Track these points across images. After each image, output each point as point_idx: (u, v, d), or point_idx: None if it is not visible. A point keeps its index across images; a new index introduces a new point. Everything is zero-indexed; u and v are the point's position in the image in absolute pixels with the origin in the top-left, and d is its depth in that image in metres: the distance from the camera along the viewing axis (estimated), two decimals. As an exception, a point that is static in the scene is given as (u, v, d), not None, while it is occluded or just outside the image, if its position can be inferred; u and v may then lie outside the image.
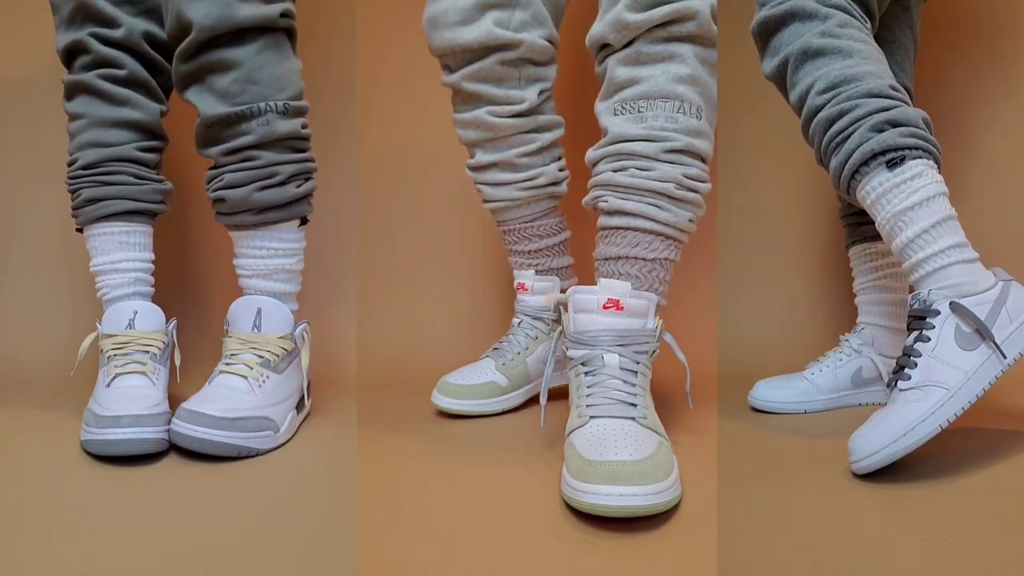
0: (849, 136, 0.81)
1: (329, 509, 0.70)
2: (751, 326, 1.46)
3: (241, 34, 0.90)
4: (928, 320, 0.79)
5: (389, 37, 1.48)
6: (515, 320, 1.12)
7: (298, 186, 0.96)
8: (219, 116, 0.91)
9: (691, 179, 0.85)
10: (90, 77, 0.98)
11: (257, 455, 0.87)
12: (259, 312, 0.96)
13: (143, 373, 0.94)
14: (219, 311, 1.41)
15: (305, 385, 1.02)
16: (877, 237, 1.14)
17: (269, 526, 0.66)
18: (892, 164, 0.78)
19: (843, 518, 0.68)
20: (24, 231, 1.43)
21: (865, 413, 1.09)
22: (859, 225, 1.16)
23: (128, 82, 1.00)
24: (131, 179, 1.01)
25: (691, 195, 0.85)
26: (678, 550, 0.61)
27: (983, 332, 0.77)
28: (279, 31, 0.93)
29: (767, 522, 0.67)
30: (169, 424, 0.87)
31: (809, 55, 0.84)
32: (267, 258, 0.98)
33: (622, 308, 0.79)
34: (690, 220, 0.87)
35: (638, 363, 0.79)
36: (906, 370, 0.78)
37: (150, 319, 0.98)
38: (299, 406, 1.00)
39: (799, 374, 1.12)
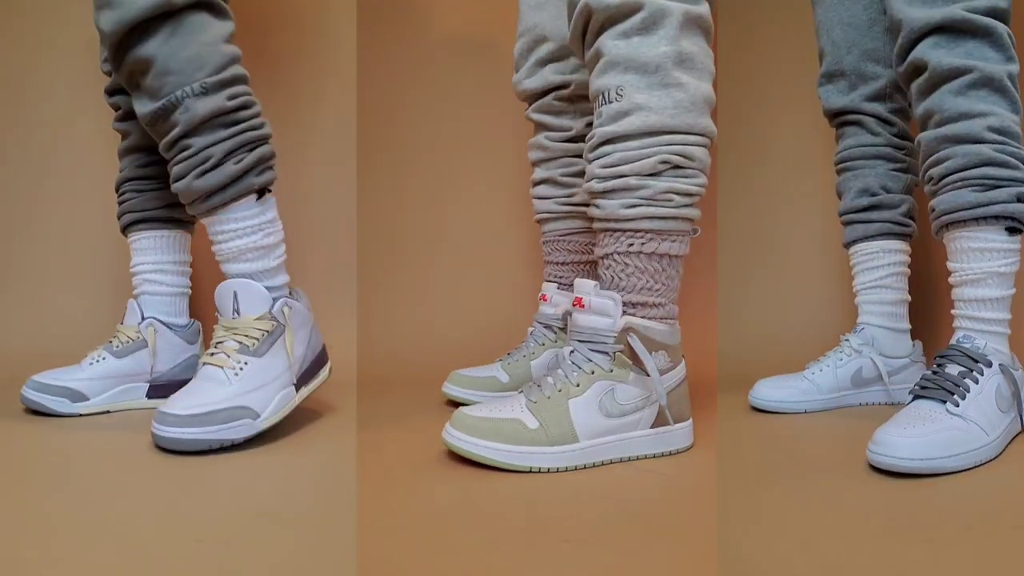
0: (997, 187, 0.88)
1: (329, 509, 0.70)
2: (751, 326, 1.46)
3: (146, 28, 0.89)
4: (980, 364, 0.87)
5: (389, 36, 1.48)
6: (530, 329, 1.18)
7: (237, 162, 0.92)
8: (148, 116, 0.92)
9: (609, 167, 0.83)
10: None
11: (233, 445, 0.88)
12: (235, 296, 0.95)
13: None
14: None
15: (313, 353, 1.00)
16: (878, 236, 1.15)
17: (269, 526, 0.66)
18: (1012, 231, 0.90)
19: (843, 518, 0.68)
20: (25, 231, 1.43)
21: (865, 413, 1.09)
22: (860, 223, 1.16)
23: (126, 115, 1.10)
24: (134, 195, 1.12)
25: (611, 183, 0.83)
26: (678, 550, 0.61)
27: (1017, 401, 0.89)
28: (183, 10, 0.89)
29: (767, 522, 0.67)
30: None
31: (992, 86, 0.89)
32: (229, 241, 0.95)
33: (583, 306, 0.85)
34: (626, 207, 0.83)
35: (590, 360, 0.83)
36: (955, 396, 0.84)
37: (128, 315, 1.10)
38: (305, 379, 0.98)
39: (799, 374, 1.13)
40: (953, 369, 0.87)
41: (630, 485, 0.78)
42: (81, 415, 1.03)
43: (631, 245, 0.84)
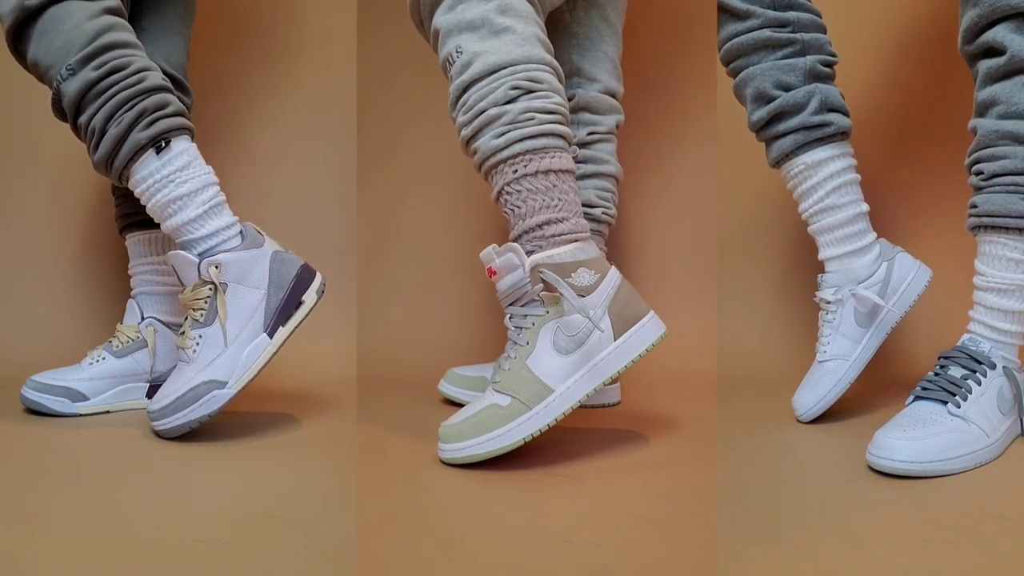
0: None
1: (329, 509, 0.70)
2: (751, 326, 1.46)
3: (20, 37, 0.91)
4: (983, 366, 0.86)
5: (389, 35, 1.48)
6: None
7: (117, 125, 0.90)
8: (55, 111, 0.93)
9: (469, 110, 0.86)
10: None
11: (211, 417, 0.90)
12: (175, 270, 0.94)
13: None
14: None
15: (281, 288, 0.95)
16: (796, 151, 0.98)
17: (269, 526, 0.66)
18: None
19: (843, 518, 0.68)
20: (22, 230, 1.43)
21: (867, 413, 1.08)
22: (772, 140, 1.00)
23: None
24: (124, 198, 1.13)
25: (475, 122, 0.86)
26: (679, 549, 0.61)
27: (1019, 404, 0.87)
28: (44, 8, 0.90)
29: (767, 522, 0.67)
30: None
31: None
32: (147, 202, 0.93)
33: (496, 273, 0.86)
34: (496, 136, 0.85)
35: (526, 315, 0.85)
36: (957, 398, 0.83)
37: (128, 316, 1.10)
38: (282, 318, 0.95)
39: (816, 364, 1.03)
40: (956, 371, 0.86)
41: (630, 485, 0.78)
42: (81, 415, 1.03)
43: (515, 171, 0.85)
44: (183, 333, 0.93)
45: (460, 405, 1.12)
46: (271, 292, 0.95)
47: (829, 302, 1.01)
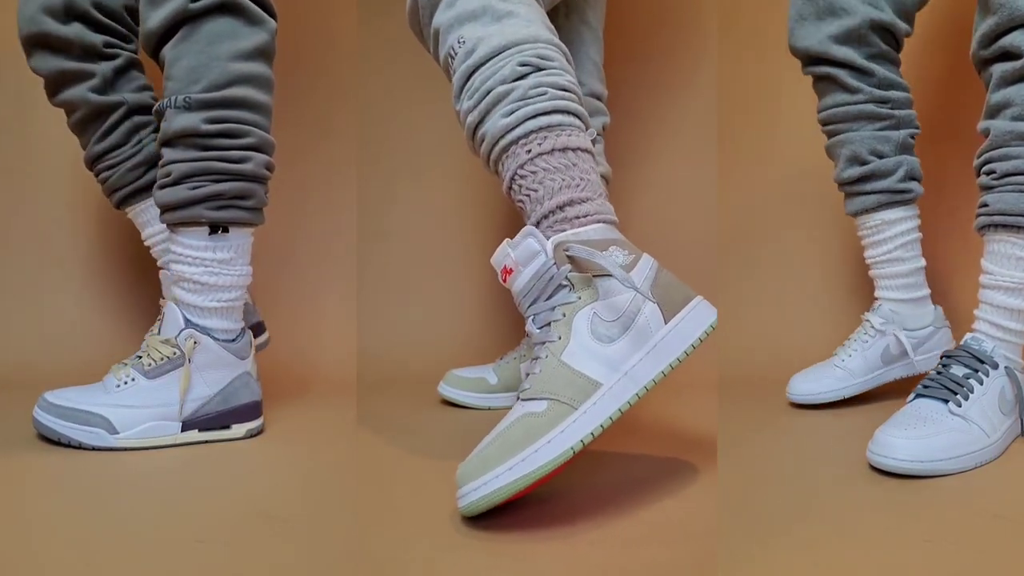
0: None
1: (329, 509, 0.70)
2: (752, 326, 1.46)
3: (171, 32, 0.87)
4: (986, 365, 0.86)
5: (389, 35, 1.48)
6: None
7: (193, 188, 0.87)
8: (155, 115, 0.91)
9: (475, 92, 0.78)
10: None
11: (81, 447, 0.87)
12: (163, 315, 0.92)
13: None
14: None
15: (227, 404, 0.93)
16: (878, 208, 1.08)
17: (269, 526, 0.66)
18: None
19: (843, 518, 0.68)
20: (30, 230, 1.43)
21: (867, 411, 1.08)
22: (856, 196, 1.10)
23: None
24: (110, 171, 1.04)
25: (483, 103, 0.77)
26: (679, 549, 0.61)
27: (1020, 404, 0.87)
28: (203, 15, 0.86)
29: (767, 521, 0.67)
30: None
31: None
32: (174, 263, 0.91)
33: (511, 270, 0.73)
34: (506, 115, 0.76)
35: (553, 308, 0.71)
36: (958, 396, 0.84)
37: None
38: (205, 425, 0.92)
39: (829, 362, 1.11)
40: (959, 370, 0.86)
41: (630, 485, 0.78)
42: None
43: (529, 152, 0.75)
44: (125, 362, 0.92)
45: (459, 407, 1.12)
46: (216, 399, 0.93)
47: (874, 327, 1.11)
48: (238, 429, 0.94)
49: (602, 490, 0.76)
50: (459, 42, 0.80)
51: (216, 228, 0.90)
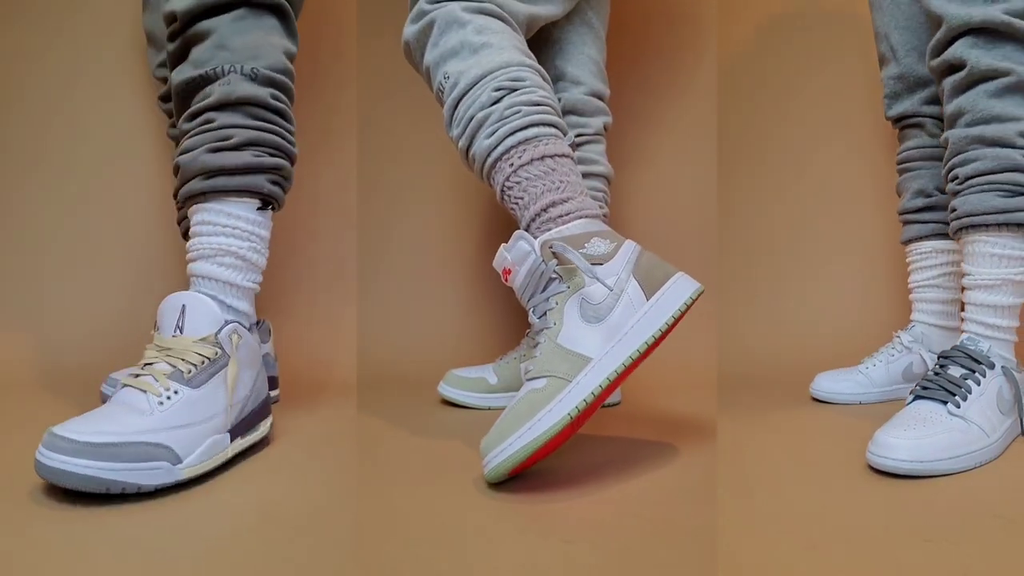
0: (1023, 194, 0.89)
1: (329, 509, 0.70)
2: (751, 326, 1.46)
3: (221, 7, 0.86)
4: (983, 366, 0.87)
5: (389, 34, 1.48)
6: (527, 331, 1.18)
7: (256, 155, 0.84)
8: (184, 82, 0.86)
9: (460, 122, 0.89)
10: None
11: (139, 492, 0.70)
12: (183, 310, 0.79)
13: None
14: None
15: (255, 402, 0.85)
16: (931, 236, 1.18)
17: (269, 526, 0.66)
18: None
19: (843, 518, 0.68)
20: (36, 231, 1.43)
21: (869, 412, 1.09)
22: (915, 223, 1.20)
23: None
24: None
25: (468, 130, 0.88)
26: (679, 549, 0.61)
27: (1018, 404, 0.89)
28: (262, 6, 0.88)
29: (767, 522, 0.67)
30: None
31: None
32: (213, 235, 0.84)
33: (511, 272, 0.83)
34: (487, 136, 0.87)
35: (547, 299, 0.81)
36: (956, 398, 0.84)
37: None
38: (242, 430, 0.83)
39: (855, 368, 1.19)
40: (956, 371, 0.87)
41: (629, 485, 0.78)
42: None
43: (511, 165, 0.85)
44: (143, 372, 0.77)
45: (459, 407, 1.12)
46: (252, 398, 0.84)
47: (903, 343, 1.19)
48: (264, 426, 0.88)
49: (601, 490, 0.76)
50: (445, 78, 0.91)
51: (266, 204, 0.87)
